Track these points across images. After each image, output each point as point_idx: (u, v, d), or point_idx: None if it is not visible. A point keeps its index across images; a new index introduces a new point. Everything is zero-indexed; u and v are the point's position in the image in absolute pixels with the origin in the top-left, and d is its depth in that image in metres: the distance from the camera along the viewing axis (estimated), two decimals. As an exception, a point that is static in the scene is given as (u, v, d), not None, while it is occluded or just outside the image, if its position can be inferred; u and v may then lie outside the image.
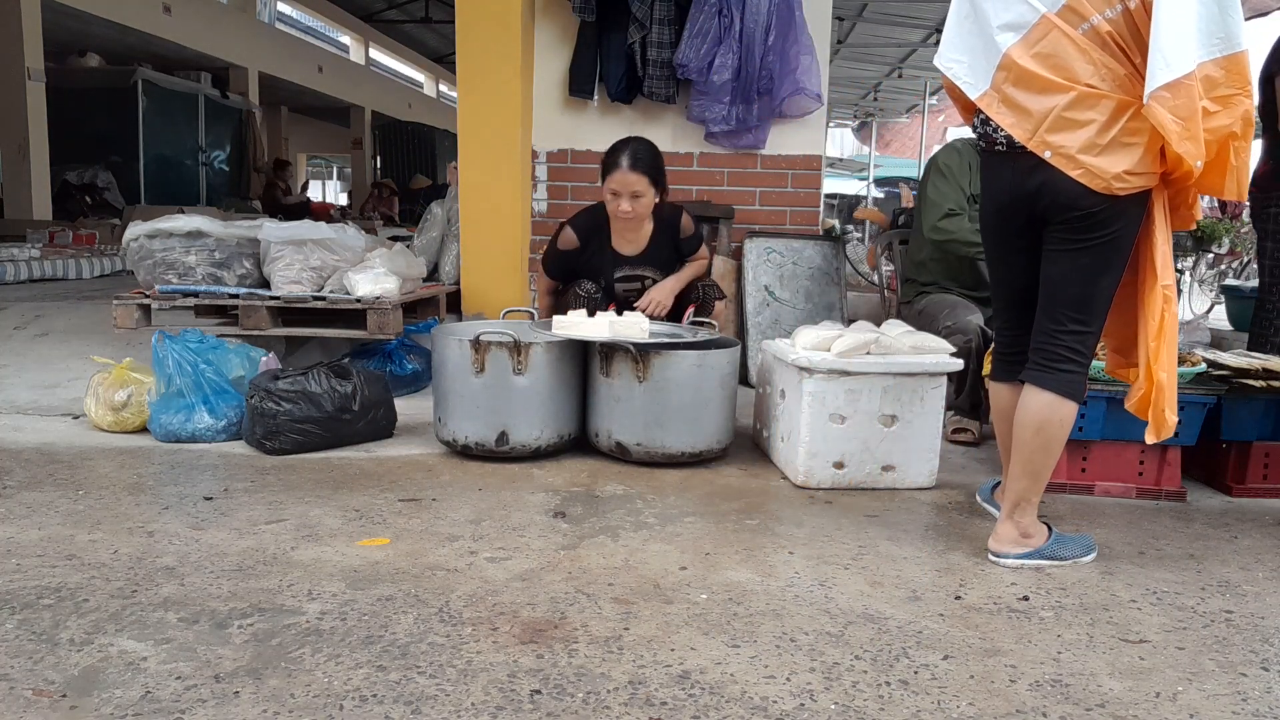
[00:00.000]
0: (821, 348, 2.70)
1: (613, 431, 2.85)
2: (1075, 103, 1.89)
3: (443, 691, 1.46)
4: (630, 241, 3.34)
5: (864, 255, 6.05)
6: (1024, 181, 2.02)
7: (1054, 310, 2.07)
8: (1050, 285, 2.07)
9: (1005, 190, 2.08)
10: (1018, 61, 1.93)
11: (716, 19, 4.16)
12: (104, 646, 1.58)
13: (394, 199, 13.13)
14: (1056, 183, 1.94)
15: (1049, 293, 2.08)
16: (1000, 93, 1.98)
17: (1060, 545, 2.14)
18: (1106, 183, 1.90)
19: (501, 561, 2.02)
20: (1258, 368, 2.74)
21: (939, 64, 2.13)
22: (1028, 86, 1.94)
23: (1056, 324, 2.06)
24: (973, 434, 3.31)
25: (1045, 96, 1.92)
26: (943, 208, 3.37)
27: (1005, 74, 1.96)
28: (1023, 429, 2.09)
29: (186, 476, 2.60)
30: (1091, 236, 1.98)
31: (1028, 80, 1.93)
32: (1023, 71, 1.93)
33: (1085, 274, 2.02)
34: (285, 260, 3.56)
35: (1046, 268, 2.07)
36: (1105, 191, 1.91)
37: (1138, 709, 1.50)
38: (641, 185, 3.13)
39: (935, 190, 3.42)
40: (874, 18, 8.51)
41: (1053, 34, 1.90)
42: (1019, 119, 1.96)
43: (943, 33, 2.13)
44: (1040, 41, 1.91)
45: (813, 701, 1.47)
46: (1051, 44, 1.91)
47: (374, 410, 3.03)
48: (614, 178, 3.14)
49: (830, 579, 1.99)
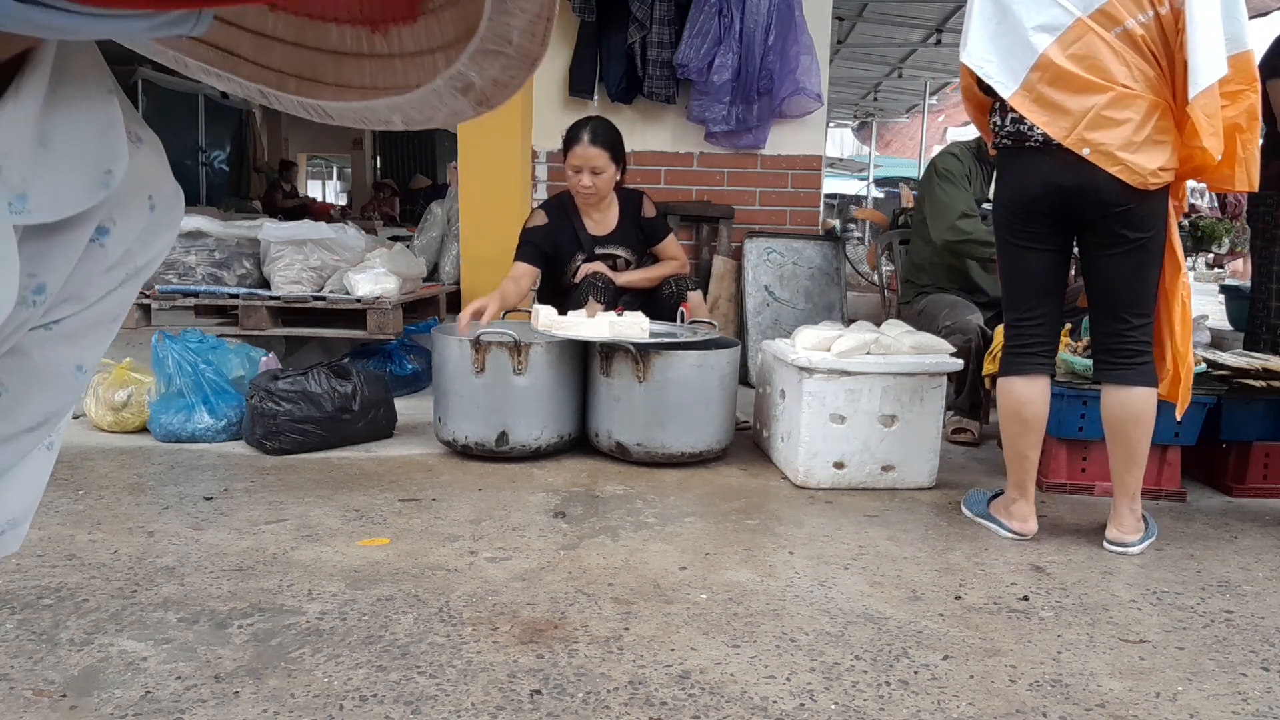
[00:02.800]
0: (821, 348, 2.70)
1: (613, 431, 2.85)
2: (1113, 102, 1.99)
3: (443, 691, 1.46)
4: (597, 221, 3.38)
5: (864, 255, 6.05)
6: (1062, 177, 2.09)
7: (1117, 311, 2.17)
8: (1107, 287, 2.17)
9: (1039, 182, 2.13)
10: (1055, 61, 2.00)
11: (716, 19, 4.16)
12: (104, 646, 1.58)
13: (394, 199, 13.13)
14: (1098, 181, 2.03)
15: (1107, 295, 2.18)
16: (1034, 91, 2.04)
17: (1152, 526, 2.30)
18: (1144, 178, 2.01)
19: (501, 561, 2.02)
20: (1258, 368, 2.74)
21: (969, 62, 2.14)
22: (1065, 86, 2.01)
23: (1123, 323, 2.17)
24: (973, 434, 3.31)
25: (1083, 96, 2.00)
26: (956, 209, 3.39)
27: (1040, 74, 2.02)
28: (1125, 424, 2.19)
29: (186, 476, 2.60)
30: (1136, 234, 2.09)
31: (1065, 80, 2.00)
32: (1060, 71, 2.00)
33: (1139, 271, 2.14)
34: (285, 260, 3.56)
35: (1097, 270, 2.18)
36: (1141, 187, 2.02)
37: (1138, 709, 1.50)
38: (602, 160, 3.19)
39: (944, 193, 3.43)
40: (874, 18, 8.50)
41: (1088, 36, 1.98)
42: (1053, 117, 2.03)
43: (965, 32, 2.16)
44: (1076, 43, 1.99)
45: (813, 701, 1.47)
46: (1087, 46, 1.99)
47: (374, 410, 3.03)
48: (575, 152, 3.20)
49: (830, 579, 1.99)
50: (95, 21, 0.39)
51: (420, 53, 0.52)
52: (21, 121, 0.44)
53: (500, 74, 0.50)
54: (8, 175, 0.44)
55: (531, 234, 3.31)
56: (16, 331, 0.51)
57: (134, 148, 0.53)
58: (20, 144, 0.45)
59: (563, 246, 3.35)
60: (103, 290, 0.54)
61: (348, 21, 0.54)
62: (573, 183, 3.26)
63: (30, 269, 0.49)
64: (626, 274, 3.36)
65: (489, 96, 0.51)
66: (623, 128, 3.46)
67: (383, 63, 0.54)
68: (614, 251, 3.41)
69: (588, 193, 3.25)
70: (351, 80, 0.55)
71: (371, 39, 0.54)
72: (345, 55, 0.54)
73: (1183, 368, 2.18)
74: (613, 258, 3.40)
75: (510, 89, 0.50)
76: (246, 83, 0.55)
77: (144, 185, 0.54)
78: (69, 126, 0.47)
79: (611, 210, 3.39)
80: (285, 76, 0.56)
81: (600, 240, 3.38)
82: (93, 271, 0.53)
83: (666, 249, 3.46)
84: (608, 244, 3.39)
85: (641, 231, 3.43)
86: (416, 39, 0.52)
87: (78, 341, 0.55)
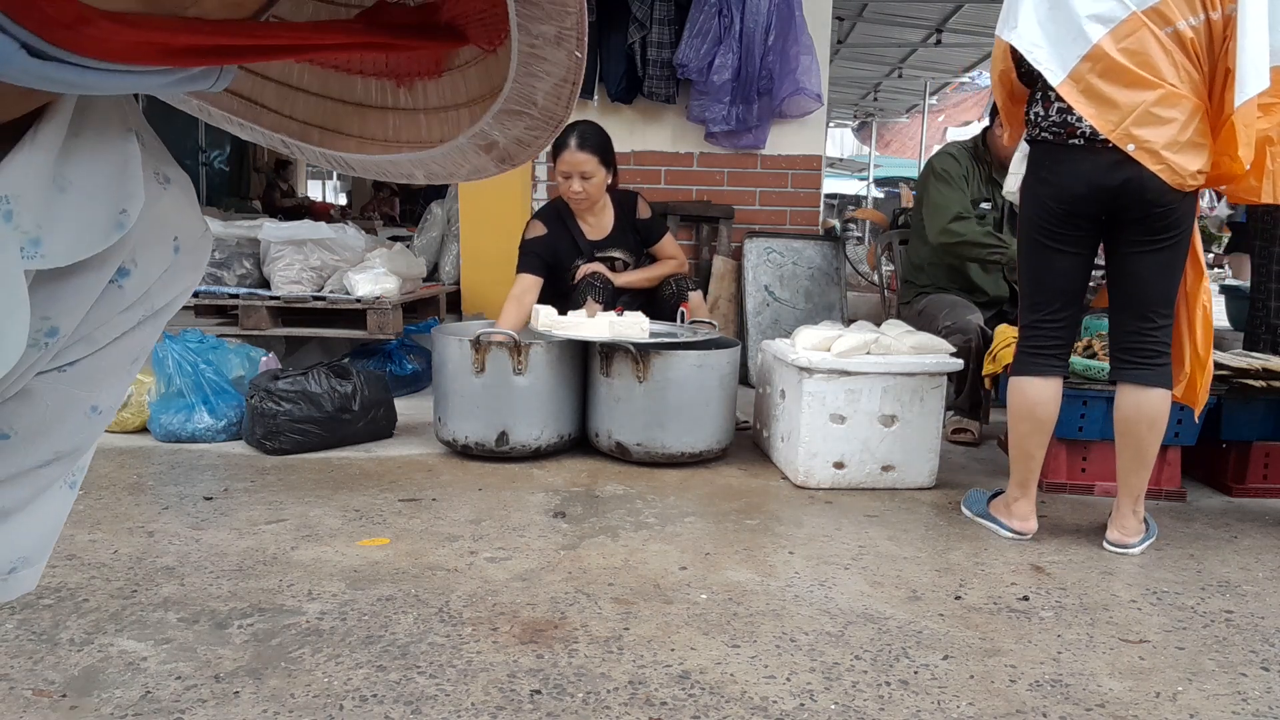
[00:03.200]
0: (821, 348, 2.70)
1: (613, 431, 2.85)
2: (1161, 100, 1.99)
3: (443, 691, 1.46)
4: (594, 226, 3.38)
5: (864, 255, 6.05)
6: (1106, 176, 2.07)
7: (1144, 309, 2.16)
8: (1138, 284, 2.16)
9: (1082, 182, 2.12)
10: (1108, 53, 1.99)
11: (716, 19, 4.17)
12: (104, 646, 1.58)
13: (394, 199, 13.12)
14: (1143, 179, 2.03)
15: (1138, 292, 2.17)
16: (1083, 82, 2.03)
17: (1152, 527, 2.31)
18: (1183, 179, 2.02)
19: (501, 561, 2.02)
20: (1258, 368, 2.74)
21: (1019, 44, 2.10)
22: (1116, 79, 2.00)
23: (1149, 321, 2.16)
24: (973, 434, 3.31)
25: (1133, 91, 2.00)
26: (951, 210, 3.39)
27: (1092, 64, 2.01)
28: (1139, 425, 2.18)
29: (186, 476, 2.60)
30: (1171, 234, 2.10)
31: (1117, 73, 2.00)
32: (1112, 63, 1.99)
33: (1170, 270, 2.15)
34: (285, 260, 3.56)
35: (1129, 268, 2.17)
36: (1180, 187, 2.03)
37: (1138, 709, 1.50)
38: (591, 165, 3.17)
39: (940, 194, 3.43)
40: (874, 18, 8.50)
41: (1141, 31, 1.98)
42: (1101, 110, 2.02)
43: (1012, 12, 2.10)
44: (1129, 37, 1.98)
45: (813, 701, 1.47)
46: (1139, 41, 1.98)
47: (374, 410, 3.03)
48: (563, 158, 3.18)
49: (830, 579, 1.99)
50: (113, 78, 0.39)
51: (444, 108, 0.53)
52: (38, 166, 0.44)
53: (524, 134, 0.50)
54: (21, 220, 0.44)
55: (532, 244, 3.30)
56: (26, 374, 0.50)
57: (160, 189, 0.52)
58: (35, 188, 0.44)
59: (562, 254, 3.34)
60: (117, 331, 0.53)
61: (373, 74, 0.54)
62: (563, 189, 3.24)
63: (43, 312, 0.48)
64: (626, 275, 3.36)
65: (512, 155, 0.51)
66: (622, 128, 3.47)
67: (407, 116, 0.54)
68: (612, 254, 3.40)
69: (579, 198, 3.23)
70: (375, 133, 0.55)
71: (396, 92, 0.54)
72: (370, 108, 0.55)
73: (1202, 373, 2.19)
74: (611, 260, 3.40)
75: (533, 149, 0.51)
76: (269, 133, 0.55)
77: (169, 227, 0.53)
78: (89, 168, 0.47)
79: (606, 213, 3.38)
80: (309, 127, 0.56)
81: (598, 244, 3.38)
82: (109, 312, 0.52)
83: (664, 249, 3.46)
84: (605, 247, 3.39)
85: (638, 233, 3.43)
86: (441, 94, 0.53)
87: (92, 384, 0.54)
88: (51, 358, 0.51)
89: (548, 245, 3.31)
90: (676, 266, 3.45)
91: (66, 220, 0.46)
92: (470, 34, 0.48)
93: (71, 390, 0.53)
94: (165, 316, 0.56)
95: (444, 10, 0.48)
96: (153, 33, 0.38)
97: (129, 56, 0.38)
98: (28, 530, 0.56)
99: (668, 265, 3.43)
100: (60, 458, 0.55)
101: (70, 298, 0.49)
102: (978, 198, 3.51)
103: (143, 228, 0.50)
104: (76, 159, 0.46)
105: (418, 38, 0.48)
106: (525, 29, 0.44)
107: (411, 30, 0.48)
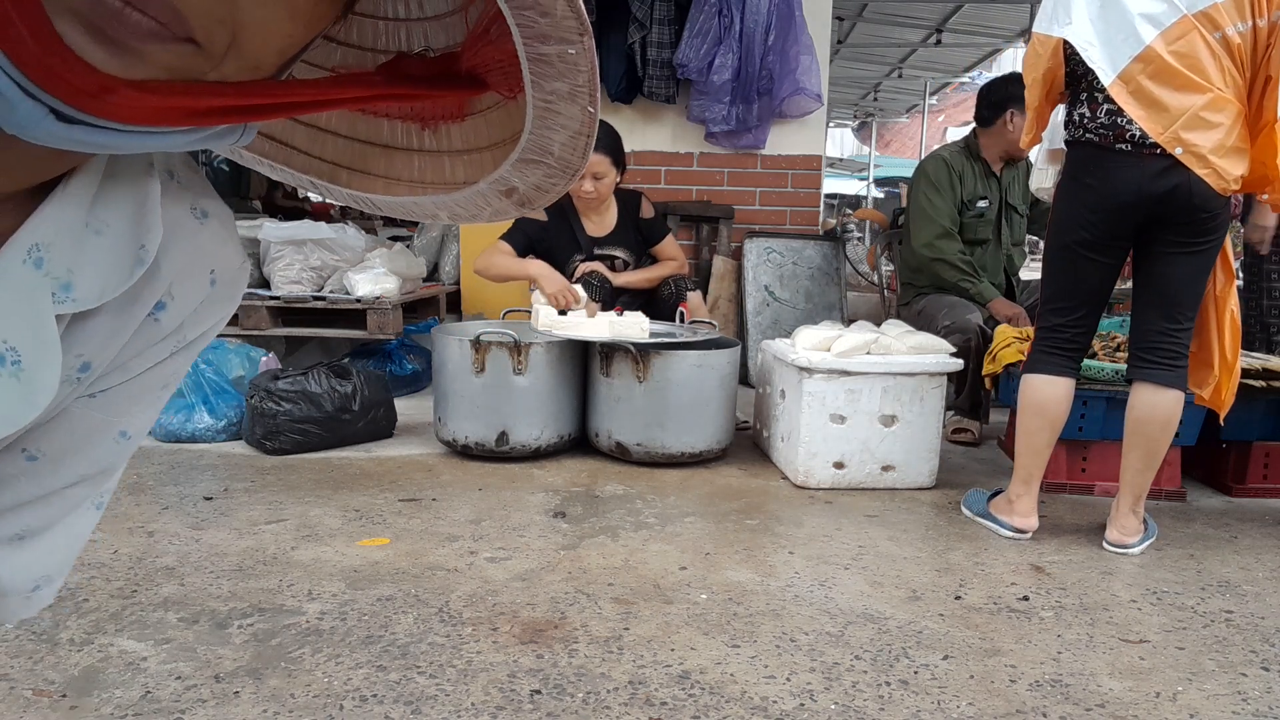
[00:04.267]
0: (821, 348, 2.70)
1: (613, 431, 2.85)
2: (1210, 105, 1.98)
3: (443, 691, 1.46)
4: (596, 223, 3.39)
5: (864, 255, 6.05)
6: (1153, 184, 2.06)
7: (1173, 310, 2.17)
8: (1170, 286, 2.16)
9: (1130, 190, 2.10)
10: (1160, 55, 1.98)
11: (716, 19, 4.16)
12: (104, 646, 1.58)
13: (394, 199, 13.11)
14: (1192, 184, 2.03)
15: (1169, 294, 2.17)
16: (1133, 83, 2.01)
17: (1152, 527, 2.31)
18: (1227, 184, 2.02)
19: (501, 561, 2.02)
20: (1258, 368, 2.74)
21: (1075, 39, 2.05)
22: (1167, 82, 1.99)
23: (1175, 323, 2.17)
24: (973, 434, 3.31)
25: (1183, 94, 1.98)
26: (938, 225, 3.41)
27: (1144, 65, 1.99)
28: (1150, 425, 2.18)
29: (186, 476, 2.60)
30: (1210, 238, 2.11)
31: (1168, 75, 1.98)
32: (1164, 65, 1.98)
33: (1202, 274, 2.16)
34: (285, 260, 3.56)
35: (1161, 270, 2.17)
36: (1224, 192, 2.03)
37: (1138, 709, 1.50)
38: (603, 166, 3.19)
39: (930, 204, 3.44)
40: (874, 18, 8.50)
41: (1191, 34, 1.97)
42: (1150, 112, 2.01)
43: (1064, 7, 2.06)
44: (1179, 40, 1.97)
45: (813, 701, 1.47)
46: (1189, 44, 1.97)
47: (374, 410, 3.03)
48: None
49: (830, 579, 1.99)
50: (140, 138, 0.40)
51: (468, 150, 0.54)
52: (70, 214, 0.45)
53: (542, 180, 0.52)
54: (52, 267, 0.45)
55: (526, 224, 3.30)
56: (58, 408, 0.51)
57: (198, 224, 0.53)
58: (67, 235, 0.45)
59: (561, 248, 3.35)
60: (150, 361, 0.54)
61: (399, 117, 0.56)
62: (574, 188, 3.25)
63: (77, 350, 0.49)
64: (625, 274, 3.36)
65: (531, 199, 0.53)
66: (622, 128, 3.46)
67: (432, 158, 0.56)
68: (613, 253, 3.41)
69: (589, 197, 3.25)
70: (401, 173, 0.56)
71: (421, 135, 0.56)
72: (396, 149, 0.57)
73: (1229, 377, 2.20)
74: (611, 258, 3.41)
75: (551, 194, 0.52)
76: (299, 174, 0.57)
77: (207, 260, 0.54)
78: (119, 211, 0.48)
79: (610, 211, 3.40)
80: (338, 169, 0.57)
81: (599, 241, 3.39)
82: (144, 344, 0.53)
83: (665, 249, 3.46)
84: (606, 245, 3.40)
85: (640, 232, 3.44)
86: (465, 137, 0.54)
87: (122, 410, 0.55)
88: (86, 388, 0.52)
89: (542, 233, 3.32)
90: (676, 268, 3.46)
91: (97, 263, 0.47)
92: (490, 82, 0.49)
93: (102, 415, 0.54)
94: (200, 346, 0.58)
95: (464, 60, 0.49)
96: (176, 98, 0.39)
97: (154, 120, 0.39)
98: (53, 549, 0.57)
99: (667, 266, 3.44)
100: (88, 479, 0.56)
101: (103, 334, 0.50)
102: (974, 195, 3.51)
103: (181, 262, 0.52)
104: (108, 202, 0.47)
105: (436, 88, 0.49)
106: (539, 85, 0.45)
107: (429, 81, 0.49)
